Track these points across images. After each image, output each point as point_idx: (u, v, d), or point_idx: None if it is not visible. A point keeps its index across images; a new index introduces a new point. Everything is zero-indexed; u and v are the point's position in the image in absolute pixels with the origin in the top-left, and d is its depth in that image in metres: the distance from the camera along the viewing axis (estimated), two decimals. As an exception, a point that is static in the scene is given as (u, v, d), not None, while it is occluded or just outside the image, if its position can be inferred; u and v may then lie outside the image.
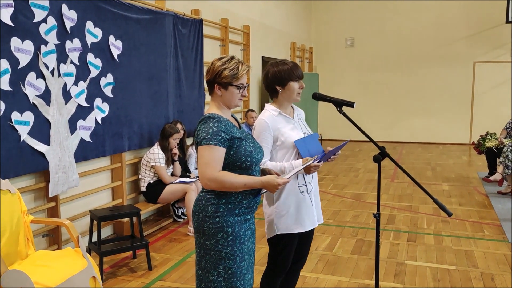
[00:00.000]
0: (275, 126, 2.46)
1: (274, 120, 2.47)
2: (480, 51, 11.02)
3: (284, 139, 2.46)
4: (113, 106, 4.42)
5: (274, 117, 2.48)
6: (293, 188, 2.46)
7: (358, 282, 3.59)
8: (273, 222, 2.49)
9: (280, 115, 2.51)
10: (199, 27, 5.99)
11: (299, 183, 2.49)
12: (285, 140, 2.46)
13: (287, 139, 2.46)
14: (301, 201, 2.49)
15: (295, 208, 2.48)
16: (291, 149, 2.47)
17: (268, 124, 2.44)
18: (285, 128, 2.48)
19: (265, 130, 2.44)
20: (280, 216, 2.47)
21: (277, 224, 2.48)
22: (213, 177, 2.05)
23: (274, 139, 2.46)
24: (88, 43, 4.06)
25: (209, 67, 2.18)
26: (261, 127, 2.45)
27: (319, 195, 2.68)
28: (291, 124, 2.52)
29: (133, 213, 3.99)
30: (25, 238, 2.98)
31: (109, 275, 3.76)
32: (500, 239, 4.56)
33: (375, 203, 5.95)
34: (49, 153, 3.66)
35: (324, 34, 12.30)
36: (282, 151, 2.48)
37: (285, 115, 2.52)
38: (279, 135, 2.46)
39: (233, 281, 2.15)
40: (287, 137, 2.46)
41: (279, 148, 2.48)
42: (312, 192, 2.55)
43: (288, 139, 2.46)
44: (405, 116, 11.71)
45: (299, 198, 2.48)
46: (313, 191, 2.55)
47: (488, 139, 7.13)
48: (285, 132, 2.47)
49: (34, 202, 3.75)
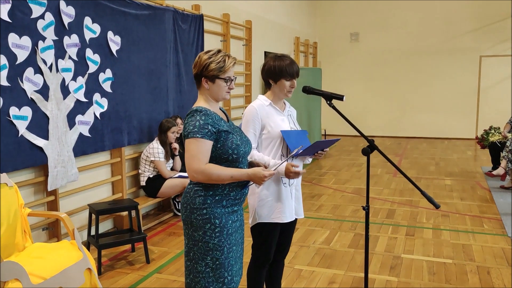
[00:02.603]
0: (264, 115, 2.50)
1: (264, 109, 2.52)
2: (486, 45, 10.91)
3: (271, 128, 2.49)
4: (112, 101, 4.46)
5: (264, 107, 2.53)
6: (276, 178, 2.48)
7: (353, 275, 3.60)
8: (255, 211, 2.53)
9: (270, 105, 2.55)
10: (200, 23, 6.01)
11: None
12: (271, 129, 2.49)
13: (273, 129, 2.49)
14: (282, 192, 2.52)
15: (275, 198, 2.51)
16: (276, 140, 2.50)
17: (257, 111, 2.49)
18: (273, 118, 2.52)
19: (254, 117, 2.48)
20: (261, 205, 2.51)
21: (258, 213, 2.52)
22: (199, 169, 2.08)
23: (262, 128, 2.50)
24: (86, 39, 4.10)
25: (196, 61, 2.20)
26: (250, 114, 2.50)
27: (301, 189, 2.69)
28: (281, 116, 2.56)
29: (131, 207, 4.03)
30: (22, 231, 3.03)
31: (108, 267, 3.82)
32: (500, 233, 4.54)
33: (376, 198, 5.95)
34: (48, 147, 3.72)
35: (328, 29, 12.26)
36: (267, 141, 2.52)
37: (276, 107, 2.56)
38: (267, 124, 2.50)
39: (221, 271, 2.18)
40: (274, 127, 2.49)
41: (264, 138, 2.51)
42: (294, 185, 2.58)
43: (275, 128, 2.49)
44: (410, 111, 11.64)
45: (281, 189, 2.52)
46: (294, 185, 2.59)
47: (491, 134, 7.07)
48: (272, 121, 2.51)
49: (34, 196, 3.81)
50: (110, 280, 3.58)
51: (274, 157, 2.51)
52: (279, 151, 2.52)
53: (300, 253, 4.08)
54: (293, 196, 2.58)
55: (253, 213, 2.54)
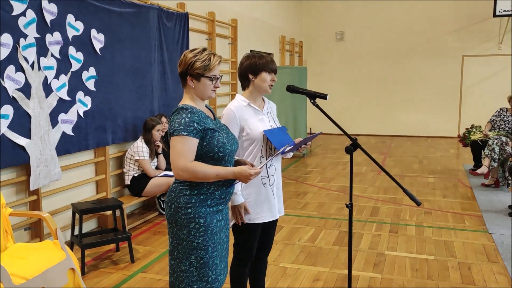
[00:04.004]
0: (242, 117, 2.49)
1: (242, 111, 2.50)
2: (468, 45, 11.08)
3: (250, 130, 2.49)
4: (96, 99, 4.42)
5: (242, 108, 2.51)
6: (256, 179, 2.47)
7: (338, 273, 3.64)
8: None
9: (248, 106, 2.53)
10: (185, 21, 5.98)
11: (262, 175, 2.52)
12: (250, 131, 2.48)
13: (252, 131, 2.49)
14: (263, 193, 2.53)
15: (255, 199, 2.52)
16: (257, 141, 2.50)
17: (235, 114, 2.48)
18: (252, 119, 2.50)
19: (232, 119, 2.48)
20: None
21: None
22: (185, 167, 2.07)
23: (240, 129, 2.49)
24: (69, 37, 4.05)
25: (181, 59, 2.20)
26: (228, 117, 2.49)
27: (281, 187, 2.70)
28: (259, 116, 2.55)
29: (115, 206, 4.00)
30: (4, 231, 2.99)
31: (92, 267, 3.79)
32: (480, 230, 4.62)
33: (361, 195, 6.01)
34: (30, 146, 3.67)
35: (314, 28, 12.31)
36: (248, 142, 2.51)
37: (254, 107, 2.54)
38: (245, 126, 2.49)
39: (205, 270, 2.18)
40: (253, 129, 2.49)
41: (245, 139, 2.51)
42: (275, 184, 2.59)
43: (254, 130, 2.49)
44: (395, 109, 11.78)
45: (261, 190, 2.52)
46: (275, 184, 2.59)
47: (473, 132, 7.20)
48: (251, 123, 2.49)
49: (16, 195, 3.75)
50: (94, 280, 3.55)
51: (254, 158, 2.51)
52: (259, 153, 2.51)
53: (285, 251, 4.10)
54: (275, 195, 2.59)
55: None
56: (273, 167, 2.57)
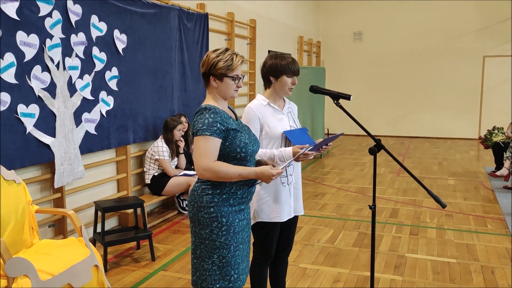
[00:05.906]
0: (262, 116, 2.51)
1: (262, 110, 2.52)
2: (490, 45, 10.89)
3: (269, 129, 2.51)
4: (118, 99, 4.48)
5: (262, 107, 2.54)
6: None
7: (358, 274, 3.62)
8: (254, 210, 2.55)
9: (268, 105, 2.55)
10: (205, 21, 6.02)
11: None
12: (269, 130, 2.51)
13: (271, 130, 2.51)
14: (281, 192, 2.54)
15: (273, 198, 2.53)
16: (276, 140, 2.52)
17: (255, 112, 2.51)
18: (271, 118, 2.53)
19: (253, 118, 2.50)
20: (260, 204, 2.53)
21: (258, 212, 2.54)
22: (208, 166, 2.09)
23: (260, 128, 2.52)
24: (93, 37, 4.12)
25: (204, 60, 2.22)
26: (248, 115, 2.52)
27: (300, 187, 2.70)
28: (279, 115, 2.57)
29: (136, 204, 4.06)
30: (30, 228, 3.06)
31: (113, 264, 3.84)
32: (503, 233, 4.54)
33: (379, 197, 5.96)
34: (55, 145, 3.74)
35: (332, 28, 12.25)
36: (266, 141, 2.54)
37: (274, 106, 2.57)
38: (264, 124, 2.51)
39: (227, 269, 2.20)
40: (272, 128, 2.51)
41: (264, 137, 2.54)
42: (292, 184, 2.60)
43: (273, 129, 2.51)
44: (414, 110, 11.64)
45: (279, 189, 2.53)
46: (293, 183, 2.60)
47: (495, 134, 7.08)
48: (271, 122, 2.52)
49: (40, 193, 3.83)
50: (116, 277, 3.60)
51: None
52: None
53: (304, 252, 4.10)
54: (291, 194, 2.59)
55: (253, 212, 2.56)
56: (291, 166, 2.58)
